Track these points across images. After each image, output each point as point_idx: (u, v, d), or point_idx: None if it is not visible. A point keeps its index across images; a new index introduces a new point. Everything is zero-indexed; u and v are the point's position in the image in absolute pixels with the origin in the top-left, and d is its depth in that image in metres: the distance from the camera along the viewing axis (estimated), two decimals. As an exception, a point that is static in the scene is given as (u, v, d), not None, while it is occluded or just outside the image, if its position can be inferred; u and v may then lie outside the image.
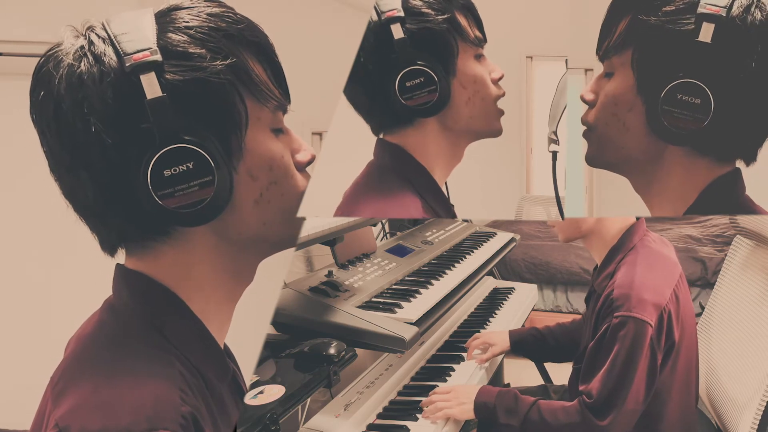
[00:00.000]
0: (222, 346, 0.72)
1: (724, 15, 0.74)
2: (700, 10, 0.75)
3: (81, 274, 1.37)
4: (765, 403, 1.29)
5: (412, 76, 0.92)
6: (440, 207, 1.00)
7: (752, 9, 0.75)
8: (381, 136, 1.02)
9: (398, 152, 0.99)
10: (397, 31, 0.91)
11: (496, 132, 1.01)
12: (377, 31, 0.92)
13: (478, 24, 0.99)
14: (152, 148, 0.61)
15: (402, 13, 0.92)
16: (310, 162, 0.73)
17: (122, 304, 0.68)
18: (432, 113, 0.95)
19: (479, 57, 0.98)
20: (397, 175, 0.98)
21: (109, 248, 0.68)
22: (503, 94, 1.00)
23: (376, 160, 1.02)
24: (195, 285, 0.68)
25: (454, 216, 1.08)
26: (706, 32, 0.74)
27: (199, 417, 0.62)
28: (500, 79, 1.00)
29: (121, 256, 0.69)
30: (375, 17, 0.92)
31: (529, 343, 1.68)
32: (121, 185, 0.62)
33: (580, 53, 0.88)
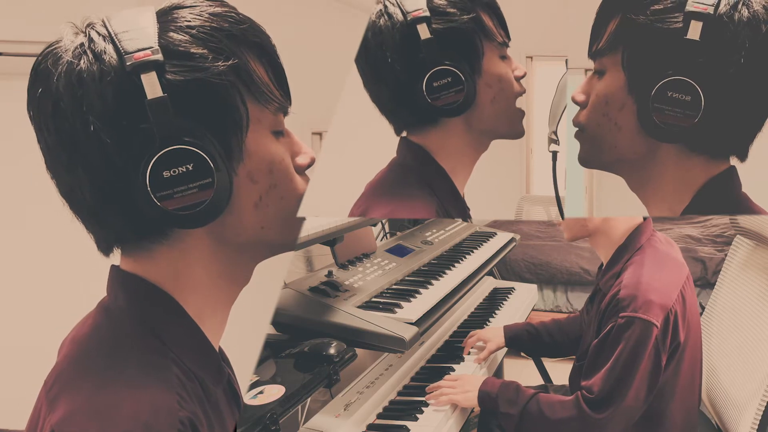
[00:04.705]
0: (217, 350, 0.71)
1: (712, 13, 0.75)
2: (687, 8, 0.75)
3: (75, 273, 1.35)
4: (765, 404, 1.29)
5: (440, 76, 0.92)
6: (457, 212, 1.00)
7: (739, 6, 0.76)
8: (404, 134, 1.02)
9: (421, 154, 0.99)
10: (424, 32, 0.91)
11: (519, 133, 1.01)
12: (403, 30, 0.92)
13: (502, 23, 0.98)
14: (152, 148, 0.59)
15: (427, 13, 0.91)
16: (309, 165, 0.72)
17: (117, 307, 0.66)
18: (458, 113, 0.95)
19: (504, 58, 0.98)
20: (417, 177, 0.98)
21: (105, 248, 0.67)
22: (524, 92, 1.00)
23: (399, 159, 1.02)
24: (191, 288, 0.67)
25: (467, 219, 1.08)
26: (695, 30, 0.75)
27: (197, 422, 0.61)
28: (523, 77, 1.00)
29: (116, 256, 0.68)
30: (400, 16, 0.92)
31: (524, 339, 1.68)
32: (119, 185, 0.61)
33: (580, 53, 0.87)
